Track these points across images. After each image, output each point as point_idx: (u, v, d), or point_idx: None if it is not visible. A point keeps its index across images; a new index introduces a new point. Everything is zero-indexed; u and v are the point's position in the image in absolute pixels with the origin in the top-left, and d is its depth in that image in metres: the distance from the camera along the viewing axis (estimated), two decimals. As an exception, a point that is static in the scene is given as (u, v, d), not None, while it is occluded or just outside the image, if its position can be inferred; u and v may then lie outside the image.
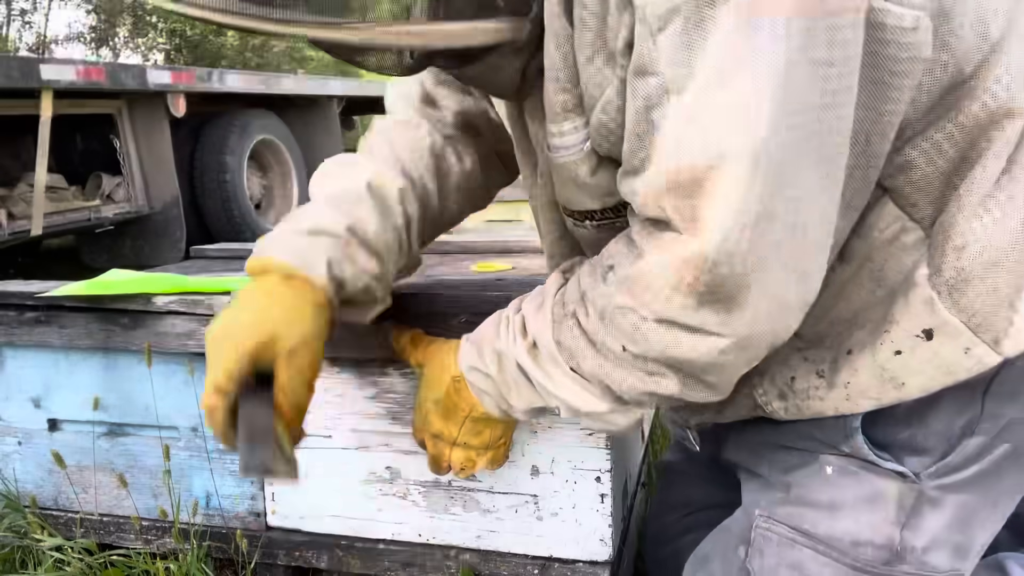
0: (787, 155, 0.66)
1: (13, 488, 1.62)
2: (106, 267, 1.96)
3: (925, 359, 0.85)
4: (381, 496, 1.39)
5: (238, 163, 6.06)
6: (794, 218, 0.68)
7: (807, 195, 0.69)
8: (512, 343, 0.93)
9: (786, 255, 0.70)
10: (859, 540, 0.92)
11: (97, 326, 1.48)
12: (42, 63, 4.46)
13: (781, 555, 0.96)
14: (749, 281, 0.69)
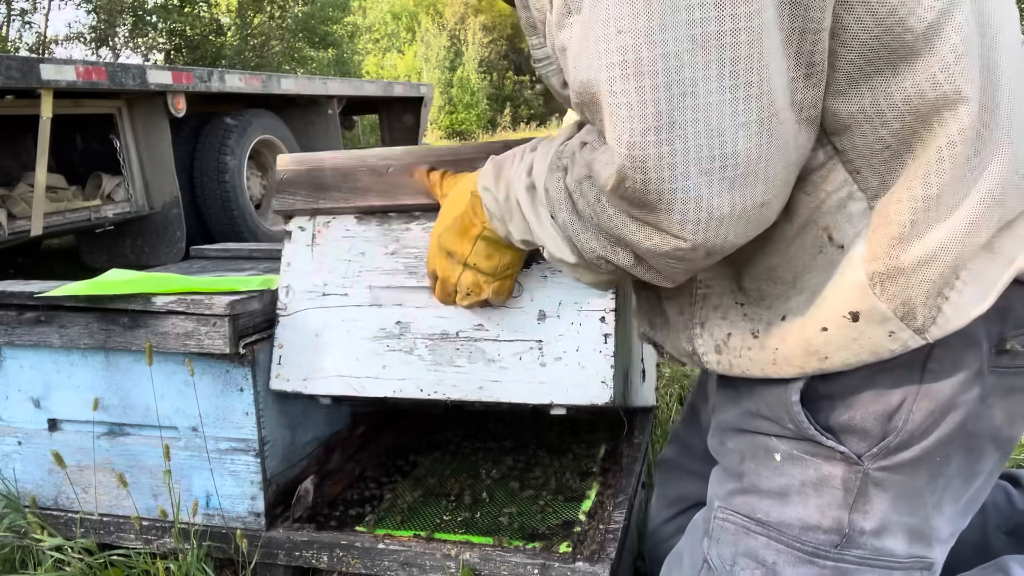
0: (676, 62, 0.67)
1: (13, 488, 1.63)
2: (106, 267, 1.96)
3: (850, 338, 0.86)
4: (388, 352, 1.38)
5: (238, 163, 6.06)
6: (703, 125, 0.69)
7: (711, 100, 0.69)
8: (517, 178, 0.99)
9: (703, 162, 0.71)
10: (808, 524, 0.93)
11: (97, 326, 1.48)
12: (42, 63, 4.46)
13: (737, 544, 0.98)
14: (664, 188, 0.72)
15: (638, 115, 0.69)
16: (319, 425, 1.71)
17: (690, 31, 0.67)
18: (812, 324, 0.87)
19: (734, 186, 0.73)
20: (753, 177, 0.73)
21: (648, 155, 0.70)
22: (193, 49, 15.94)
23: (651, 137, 0.70)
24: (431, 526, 1.53)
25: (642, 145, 0.70)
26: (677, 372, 2.62)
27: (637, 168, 0.71)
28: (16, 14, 16.79)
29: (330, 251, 1.44)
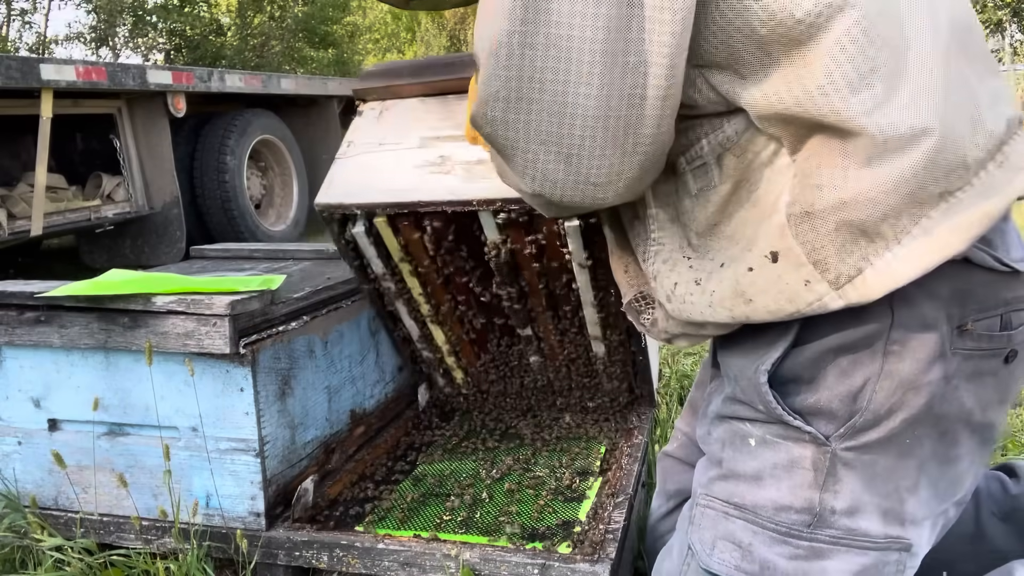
0: (524, 49, 0.81)
1: (13, 488, 1.63)
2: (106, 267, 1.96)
3: (771, 280, 0.90)
4: (429, 175, 1.59)
5: (238, 163, 6.06)
6: (548, 104, 0.82)
7: (554, 83, 0.82)
8: None
9: (543, 133, 0.84)
10: (781, 505, 0.95)
11: (97, 326, 1.48)
12: (42, 63, 4.46)
13: (716, 528, 1.00)
14: (506, 147, 0.87)
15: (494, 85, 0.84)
16: (319, 425, 1.71)
17: (546, 30, 0.80)
18: (742, 266, 0.92)
19: (567, 160, 0.86)
20: (582, 157, 0.85)
21: (497, 118, 0.86)
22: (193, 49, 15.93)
23: (500, 104, 0.85)
24: (431, 526, 1.53)
25: (493, 107, 0.85)
26: (677, 372, 2.62)
27: (487, 121, 0.87)
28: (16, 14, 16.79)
29: (393, 119, 1.73)
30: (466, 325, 1.94)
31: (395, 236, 1.71)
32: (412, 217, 1.66)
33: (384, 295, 1.90)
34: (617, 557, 1.36)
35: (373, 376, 1.98)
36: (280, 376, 1.56)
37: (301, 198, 6.90)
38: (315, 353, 1.70)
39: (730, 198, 0.93)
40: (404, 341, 2.04)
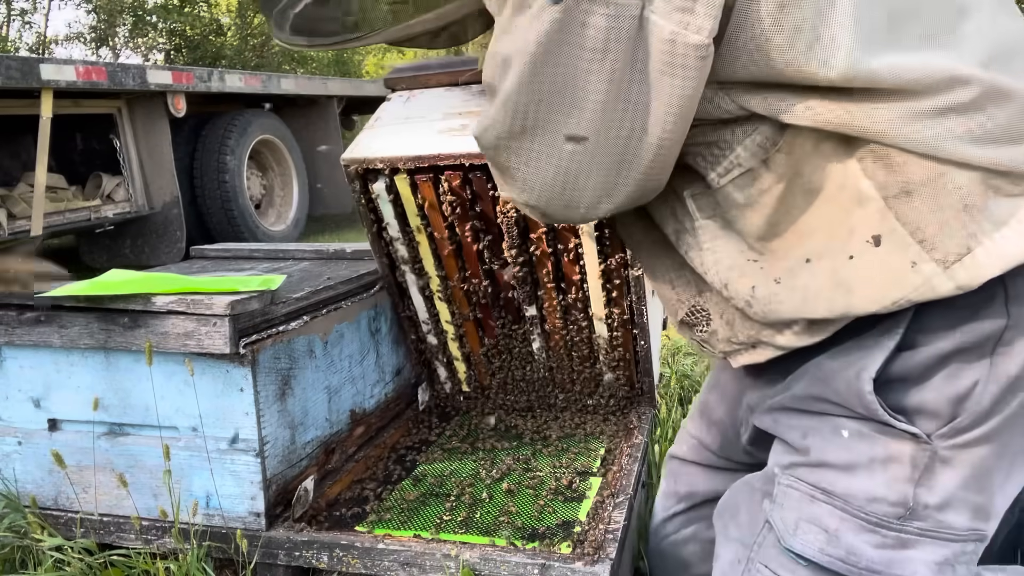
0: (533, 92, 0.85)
1: (13, 488, 1.62)
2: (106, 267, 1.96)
3: (874, 266, 0.89)
4: (449, 137, 1.71)
5: (238, 163, 6.06)
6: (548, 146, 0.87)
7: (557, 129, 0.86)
8: None
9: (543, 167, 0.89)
10: (874, 496, 0.96)
11: (97, 326, 1.48)
12: (42, 63, 4.46)
13: (801, 510, 1.00)
14: (508, 169, 0.93)
15: (501, 121, 0.89)
16: (319, 425, 1.71)
17: (553, 81, 0.84)
18: (840, 256, 0.91)
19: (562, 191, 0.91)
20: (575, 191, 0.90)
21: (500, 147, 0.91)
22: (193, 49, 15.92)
23: (504, 135, 0.90)
24: (431, 526, 1.53)
25: (497, 137, 0.91)
26: (677, 372, 2.62)
27: (491, 147, 0.93)
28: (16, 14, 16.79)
29: (419, 102, 1.88)
30: (473, 302, 1.96)
31: (413, 195, 1.78)
32: (431, 173, 1.74)
33: (396, 266, 1.95)
34: (617, 557, 1.36)
35: (373, 376, 1.98)
36: (280, 376, 1.56)
37: (301, 198, 6.90)
38: (315, 353, 1.70)
39: (785, 195, 0.92)
40: (410, 322, 2.06)
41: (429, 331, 2.06)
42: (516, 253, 1.80)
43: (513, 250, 1.80)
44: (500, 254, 1.84)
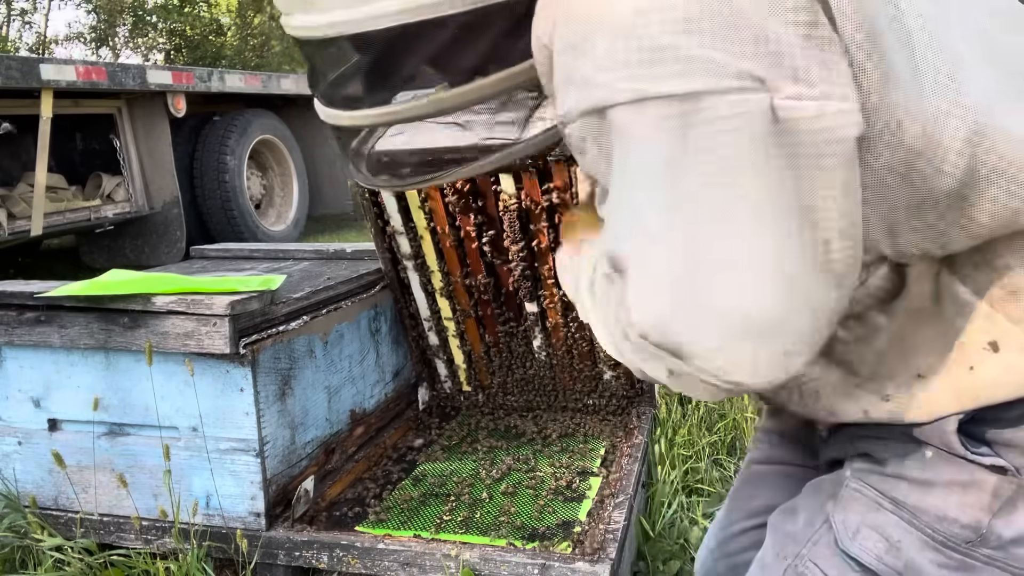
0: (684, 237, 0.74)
1: (13, 488, 1.62)
2: (106, 267, 1.96)
3: (1000, 371, 0.88)
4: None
5: (238, 163, 6.07)
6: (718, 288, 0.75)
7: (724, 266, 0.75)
8: (584, 267, 1.03)
9: (722, 320, 0.75)
10: (945, 516, 0.94)
11: (97, 326, 1.48)
12: (42, 63, 4.46)
13: (865, 515, 0.99)
14: (682, 346, 0.76)
15: (655, 280, 0.75)
16: (319, 425, 1.71)
17: (696, 210, 0.73)
18: (957, 368, 0.89)
19: (754, 340, 0.76)
20: (772, 331, 0.77)
21: (666, 316, 0.76)
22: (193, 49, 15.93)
23: (666, 298, 0.75)
24: (431, 526, 1.53)
25: (659, 306, 0.76)
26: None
27: (655, 325, 0.76)
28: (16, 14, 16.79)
29: None
30: (475, 298, 1.97)
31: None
32: None
33: (399, 261, 1.95)
34: (617, 557, 1.36)
35: (373, 376, 1.98)
36: (280, 376, 1.56)
37: (301, 198, 6.90)
38: (315, 353, 1.70)
39: (897, 330, 0.91)
40: (411, 319, 2.06)
41: (430, 328, 2.06)
42: (518, 248, 1.80)
43: (515, 245, 1.80)
44: (502, 249, 1.85)
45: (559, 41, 0.78)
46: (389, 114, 0.97)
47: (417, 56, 0.92)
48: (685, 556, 1.75)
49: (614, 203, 0.79)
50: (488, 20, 0.87)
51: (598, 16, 0.74)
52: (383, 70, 0.95)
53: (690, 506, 1.90)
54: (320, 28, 0.88)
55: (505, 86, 0.93)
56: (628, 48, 0.72)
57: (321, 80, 1.00)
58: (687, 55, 0.71)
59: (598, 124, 0.76)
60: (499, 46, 0.91)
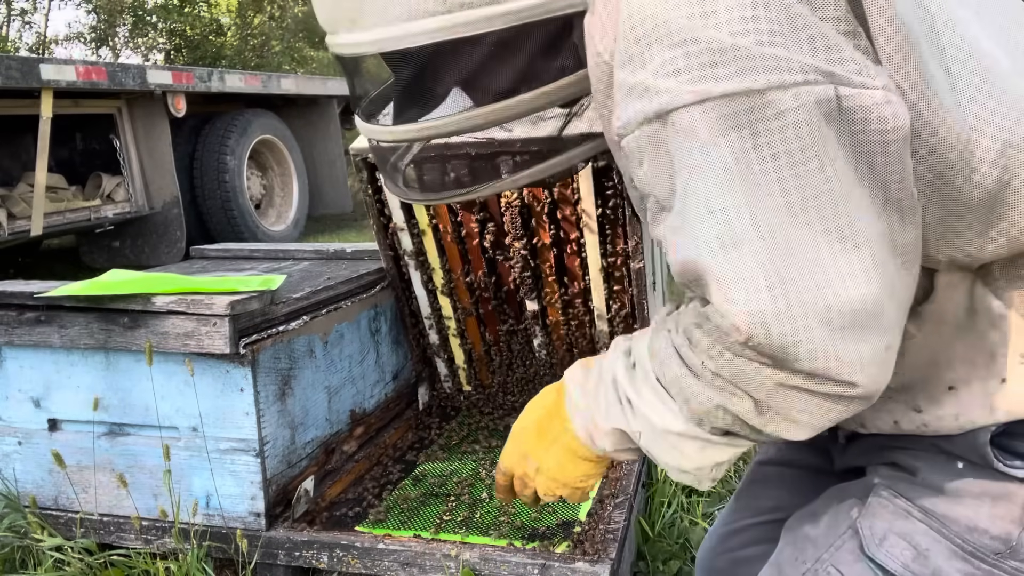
0: (767, 228, 0.73)
1: (13, 488, 1.62)
2: (106, 267, 1.96)
3: None
4: None
5: (238, 163, 6.07)
6: (811, 280, 0.74)
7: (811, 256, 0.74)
8: (615, 360, 0.99)
9: (821, 313, 0.74)
10: (975, 527, 0.94)
11: (97, 326, 1.48)
12: (42, 63, 4.46)
13: (893, 523, 0.98)
14: (788, 342, 0.74)
15: (747, 278, 0.74)
16: (319, 425, 1.71)
17: (773, 201, 0.73)
18: (990, 381, 0.89)
19: (855, 333, 0.75)
20: (871, 323, 0.76)
21: (766, 311, 0.74)
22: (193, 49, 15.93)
23: (765, 295, 0.73)
24: (431, 526, 1.53)
25: (757, 302, 0.74)
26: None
27: (757, 324, 0.74)
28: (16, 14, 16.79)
29: None
30: (476, 295, 1.97)
31: None
32: None
33: (400, 258, 1.96)
34: (617, 557, 1.36)
35: (373, 376, 1.98)
36: (280, 376, 1.56)
37: (301, 198, 6.90)
38: (315, 353, 1.70)
39: (927, 338, 0.91)
40: (412, 317, 2.07)
41: (431, 326, 2.06)
42: (520, 245, 1.81)
43: (516, 242, 1.80)
44: (504, 246, 1.85)
45: (619, 55, 0.79)
46: (427, 129, 0.98)
47: (455, 72, 0.93)
48: (685, 556, 1.75)
49: (680, 210, 0.78)
50: (524, 38, 0.89)
51: (653, 27, 0.74)
52: (423, 86, 0.96)
53: (690, 506, 1.90)
54: (363, 45, 0.90)
55: (541, 103, 0.94)
56: (688, 53, 0.73)
57: (363, 97, 1.02)
58: (747, 54, 0.72)
59: (659, 132, 0.77)
60: (535, 63, 0.92)
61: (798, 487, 1.27)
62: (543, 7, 0.87)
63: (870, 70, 0.75)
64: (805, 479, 1.27)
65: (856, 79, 0.74)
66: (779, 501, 1.28)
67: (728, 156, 0.73)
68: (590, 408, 1.02)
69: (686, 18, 0.73)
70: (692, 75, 0.73)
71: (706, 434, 0.90)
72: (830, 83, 0.73)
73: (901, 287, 0.80)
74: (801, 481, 1.27)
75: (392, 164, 1.11)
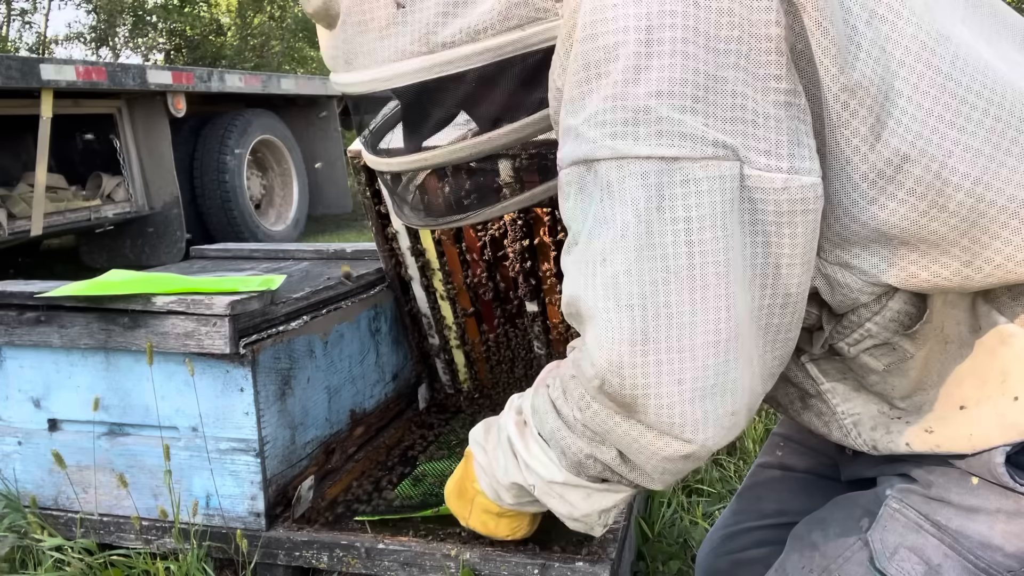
0: (651, 288, 0.77)
1: (13, 488, 1.63)
2: (106, 267, 1.96)
3: None
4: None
5: (238, 163, 6.07)
6: (675, 341, 0.78)
7: (683, 320, 0.77)
8: (508, 418, 1.08)
9: (675, 373, 0.79)
10: (989, 544, 0.93)
11: (97, 326, 1.48)
12: (42, 63, 4.46)
13: (904, 536, 0.98)
14: (637, 395, 0.80)
15: (616, 329, 0.78)
16: (319, 425, 1.71)
17: (664, 263, 0.76)
18: (1001, 399, 0.89)
19: (704, 396, 0.79)
20: (721, 390, 0.80)
21: (624, 363, 0.78)
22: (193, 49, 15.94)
23: (626, 347, 0.78)
24: (431, 526, 1.52)
25: (619, 352, 0.78)
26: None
27: (614, 371, 0.79)
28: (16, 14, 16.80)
29: None
30: (475, 296, 1.98)
31: None
32: None
33: (399, 259, 1.96)
34: (617, 557, 1.36)
35: (373, 376, 1.98)
36: (280, 376, 1.56)
37: (301, 198, 6.90)
38: (315, 353, 1.70)
39: (928, 356, 0.91)
40: (412, 318, 2.07)
41: (431, 328, 2.06)
42: (519, 246, 1.81)
43: (516, 243, 1.80)
44: (503, 246, 1.85)
45: (566, 92, 0.82)
46: (418, 161, 1.03)
47: (444, 106, 0.99)
48: (685, 556, 1.75)
49: (583, 250, 0.82)
50: (506, 72, 0.94)
51: (595, 75, 0.77)
52: (415, 120, 1.02)
53: (690, 506, 1.90)
54: (356, 85, 0.97)
55: (524, 133, 1.00)
56: (615, 107, 0.76)
57: (364, 130, 1.09)
58: (668, 118, 0.74)
59: (583, 175, 0.80)
60: (518, 94, 0.97)
61: (802, 492, 1.27)
62: (520, 42, 0.92)
63: (782, 149, 0.77)
64: (809, 484, 1.27)
65: (762, 160, 0.76)
66: (782, 505, 1.29)
67: (630, 214, 0.76)
68: (492, 466, 1.11)
69: (620, 71, 0.75)
70: (614, 130, 0.76)
71: (586, 482, 0.98)
72: (737, 160, 0.75)
73: (761, 362, 0.83)
74: (805, 486, 1.27)
75: (396, 192, 1.17)
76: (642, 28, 0.74)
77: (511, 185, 1.19)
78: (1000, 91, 0.79)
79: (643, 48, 0.74)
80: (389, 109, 1.07)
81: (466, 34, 0.90)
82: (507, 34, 0.91)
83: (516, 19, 0.90)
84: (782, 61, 0.75)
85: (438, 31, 0.89)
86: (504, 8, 0.90)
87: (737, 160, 0.75)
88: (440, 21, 0.89)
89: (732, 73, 0.74)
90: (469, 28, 0.89)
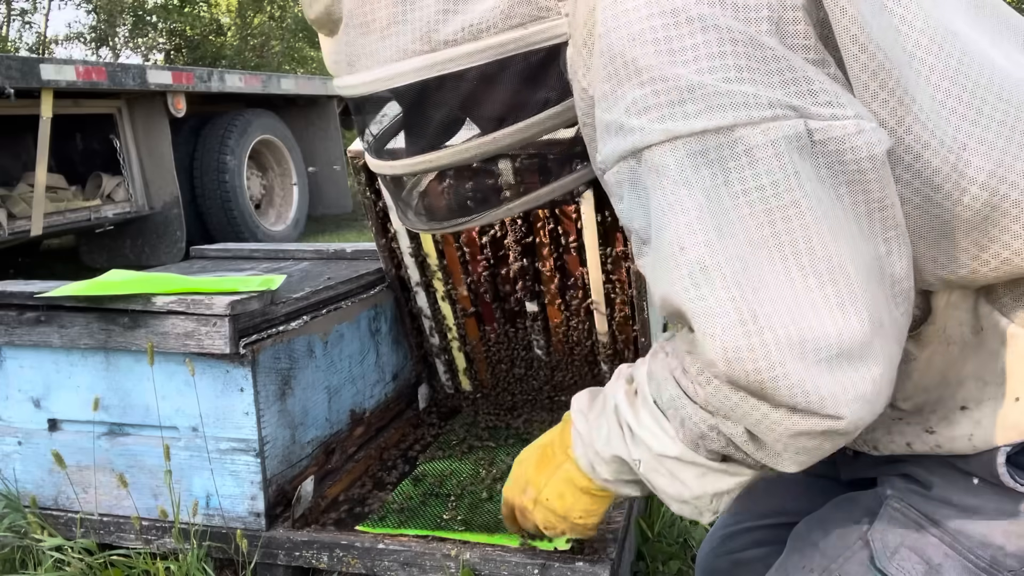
0: (740, 264, 0.73)
1: (13, 488, 1.62)
2: (106, 267, 1.96)
3: None
4: None
5: (238, 163, 6.07)
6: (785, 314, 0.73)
7: (785, 291, 0.73)
8: (617, 386, 1.00)
9: (795, 348, 0.73)
10: (990, 543, 0.93)
11: (97, 326, 1.48)
12: (42, 63, 4.46)
13: (905, 536, 0.97)
14: (765, 378, 0.74)
15: (719, 314, 0.73)
16: (319, 425, 1.71)
17: (747, 236, 0.72)
18: (1003, 399, 0.89)
19: (836, 367, 0.74)
20: (852, 356, 0.74)
21: (740, 346, 0.73)
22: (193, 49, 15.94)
23: (738, 331, 0.73)
24: (431, 526, 1.53)
25: (732, 337, 0.73)
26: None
27: (733, 360, 0.74)
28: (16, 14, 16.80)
29: None
30: (475, 297, 1.98)
31: None
32: None
33: (399, 260, 1.96)
34: (617, 557, 1.37)
35: (373, 376, 1.98)
36: (280, 376, 1.56)
37: (301, 198, 6.90)
38: (315, 353, 1.70)
39: (932, 358, 0.91)
40: (412, 318, 2.07)
41: (431, 327, 2.06)
42: (519, 246, 1.81)
43: (517, 244, 1.80)
44: (503, 246, 1.85)
45: (596, 91, 0.80)
46: (422, 163, 1.01)
47: (446, 107, 0.96)
48: (685, 556, 1.75)
49: (656, 246, 0.78)
50: (504, 72, 0.92)
51: (623, 64, 0.75)
52: (418, 122, 0.99)
53: (690, 506, 1.90)
54: (359, 87, 0.95)
55: (529, 134, 0.97)
56: (656, 91, 0.73)
57: (367, 134, 1.07)
58: (714, 91, 0.72)
59: (634, 168, 0.77)
60: (522, 94, 0.95)
61: (802, 492, 1.26)
62: (523, 40, 0.90)
63: (841, 99, 0.74)
64: (809, 484, 1.26)
65: (826, 111, 0.74)
66: (782, 505, 1.28)
67: (699, 193, 0.73)
68: (592, 435, 1.02)
69: (653, 55, 0.73)
70: (661, 113, 0.73)
71: (703, 459, 0.90)
72: (799, 117, 0.73)
73: (890, 319, 0.78)
74: (805, 486, 1.27)
75: (399, 197, 1.15)
76: (667, 12, 0.73)
77: (516, 187, 1.16)
78: (1008, 87, 0.79)
79: (672, 31, 0.72)
80: (391, 112, 1.06)
81: (468, 32, 0.89)
82: (509, 32, 0.89)
83: (519, 17, 0.89)
84: (811, 31, 0.74)
85: (439, 28, 0.88)
86: (507, 6, 0.89)
87: (799, 117, 0.72)
88: (441, 19, 0.88)
89: (768, 39, 0.73)
90: (471, 26, 0.89)
